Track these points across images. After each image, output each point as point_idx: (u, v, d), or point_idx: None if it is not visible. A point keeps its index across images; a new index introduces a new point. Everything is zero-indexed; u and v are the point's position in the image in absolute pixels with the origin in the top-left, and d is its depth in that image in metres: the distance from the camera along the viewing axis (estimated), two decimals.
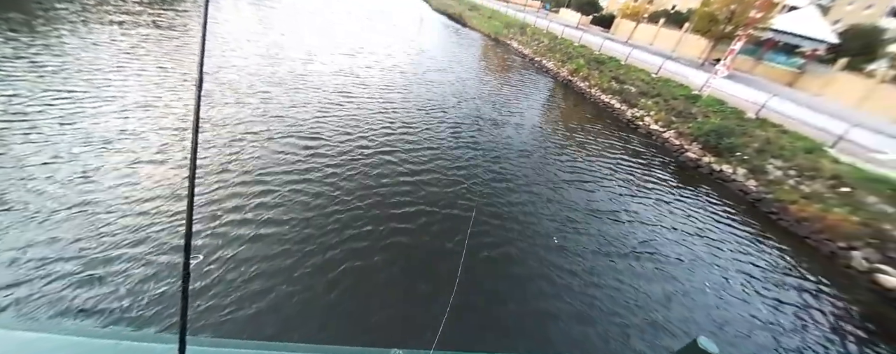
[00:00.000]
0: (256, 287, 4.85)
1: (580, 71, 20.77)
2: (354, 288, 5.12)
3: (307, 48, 18.48)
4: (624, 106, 16.44)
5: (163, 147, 7.65)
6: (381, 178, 7.97)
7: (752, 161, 11.16)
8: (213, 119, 9.44)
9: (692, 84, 16.27)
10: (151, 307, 4.34)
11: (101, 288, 4.49)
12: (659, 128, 14.23)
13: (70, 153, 7.03)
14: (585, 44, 24.27)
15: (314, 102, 11.69)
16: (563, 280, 5.85)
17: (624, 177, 10.16)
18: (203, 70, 0.89)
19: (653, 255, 6.89)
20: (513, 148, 10.93)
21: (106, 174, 6.60)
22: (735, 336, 5.49)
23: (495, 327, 4.87)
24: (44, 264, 4.70)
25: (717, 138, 11.92)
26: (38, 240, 5.04)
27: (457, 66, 20.60)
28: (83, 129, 7.92)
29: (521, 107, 15.10)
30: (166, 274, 4.77)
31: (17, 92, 8.88)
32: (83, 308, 4.27)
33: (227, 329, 4.25)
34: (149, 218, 5.69)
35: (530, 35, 29.54)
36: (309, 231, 6.04)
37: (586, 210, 8.06)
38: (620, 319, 5.32)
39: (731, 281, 6.65)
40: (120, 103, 9.31)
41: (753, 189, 10.52)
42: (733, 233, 8.40)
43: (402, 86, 15.24)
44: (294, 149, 8.58)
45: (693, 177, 11.28)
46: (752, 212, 9.66)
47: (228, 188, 6.78)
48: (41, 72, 10.12)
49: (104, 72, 10.96)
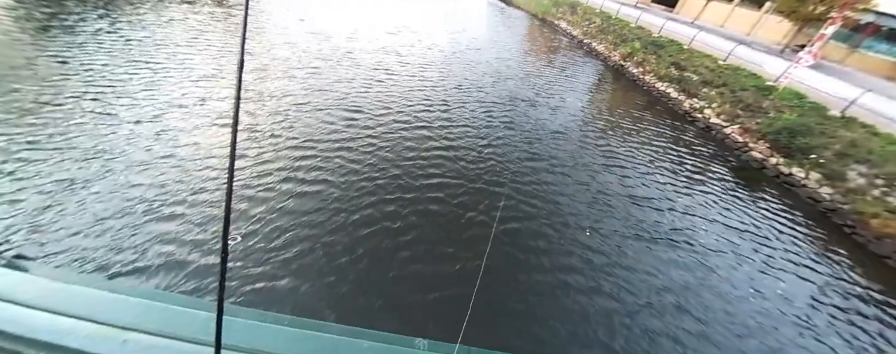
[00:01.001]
0: (291, 258, 5.17)
1: (634, 55, 19.14)
2: (383, 266, 5.33)
3: (353, 27, 18.85)
4: (682, 95, 15.04)
5: (222, 114, 8.40)
6: (416, 153, 8.29)
7: (829, 165, 9.85)
8: (267, 91, 10.13)
9: (767, 74, 14.43)
10: (194, 276, 4.72)
11: (152, 252, 4.95)
12: (721, 122, 12.90)
13: (146, 116, 7.94)
14: (643, 25, 22.19)
15: (357, 78, 12.17)
16: (594, 280, 5.65)
17: (674, 173, 9.44)
18: (244, 48, 0.94)
19: (701, 263, 6.43)
20: (550, 132, 10.57)
21: (173, 138, 7.36)
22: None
23: (521, 323, 4.85)
24: (109, 220, 5.28)
25: (790, 137, 10.60)
26: (104, 196, 5.65)
27: (498, 46, 19.92)
28: (159, 96, 8.94)
29: (563, 92, 14.38)
30: (210, 239, 5.18)
31: (111, 60, 10.08)
32: (141, 266, 4.74)
33: (259, 301, 4.56)
34: (202, 183, 6.20)
35: (581, 14, 27.51)
36: (345, 204, 6.37)
37: (628, 205, 7.64)
38: (662, 334, 5.06)
39: (794, 300, 6.05)
40: (189, 74, 10.24)
41: (827, 197, 9.34)
42: (798, 246, 7.59)
43: (442, 65, 15.24)
44: (336, 121, 9.16)
45: (755, 178, 10.22)
46: (823, 223, 8.64)
47: (274, 155, 7.37)
48: (128, 44, 11.33)
49: (177, 46, 12.02)
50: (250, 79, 10.73)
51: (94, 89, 8.61)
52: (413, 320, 4.66)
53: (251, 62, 11.97)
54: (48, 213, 5.24)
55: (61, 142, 6.69)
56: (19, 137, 6.61)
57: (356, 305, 4.72)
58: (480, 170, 8.06)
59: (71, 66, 9.44)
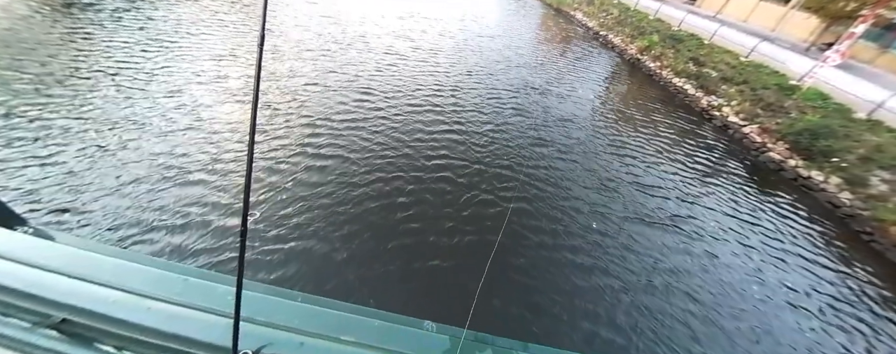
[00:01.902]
0: (300, 234, 5.21)
1: (652, 48, 18.55)
2: (390, 245, 5.33)
3: (364, 10, 18.50)
4: (699, 92, 14.56)
5: (238, 91, 8.63)
6: (426, 134, 8.40)
7: (851, 170, 9.49)
8: (279, 71, 10.21)
9: (791, 72, 13.90)
10: (212, 249, 4.77)
11: (179, 220, 5.07)
12: (739, 120, 12.49)
13: (165, 91, 8.16)
14: (662, 17, 21.45)
15: (368, 61, 12.30)
16: (602, 269, 5.53)
17: (687, 171, 9.19)
18: (265, 24, 0.93)
19: (711, 263, 6.26)
20: (562, 123, 10.41)
21: (192, 113, 7.49)
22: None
23: (526, 313, 4.77)
24: (129, 193, 5.37)
25: (812, 138, 10.21)
26: (126, 168, 5.75)
27: (511, 34, 19.50)
28: (178, 72, 9.07)
29: (576, 83, 14.07)
30: (229, 214, 5.23)
31: (130, 37, 10.35)
32: (157, 241, 4.79)
33: (270, 276, 4.61)
34: (220, 157, 6.32)
35: (598, 5, 26.68)
36: (356, 182, 6.43)
37: (638, 198, 7.49)
38: (668, 340, 4.96)
39: (808, 307, 5.88)
40: (212, 52, 10.46)
41: (846, 202, 9.03)
42: (814, 251, 7.35)
43: (453, 51, 15.17)
44: (348, 102, 9.27)
45: (771, 180, 9.91)
46: (841, 229, 8.36)
47: (288, 133, 7.48)
48: (149, 22, 11.46)
49: (192, 24, 12.10)
50: (265, 58, 10.76)
51: (115, 64, 8.81)
52: (422, 302, 4.67)
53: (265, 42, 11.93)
54: (72, 183, 5.37)
55: (85, 114, 6.90)
56: (42, 109, 6.77)
57: (365, 285, 4.72)
58: (490, 154, 8.11)
59: (93, 42, 9.65)
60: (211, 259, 4.66)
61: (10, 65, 7.89)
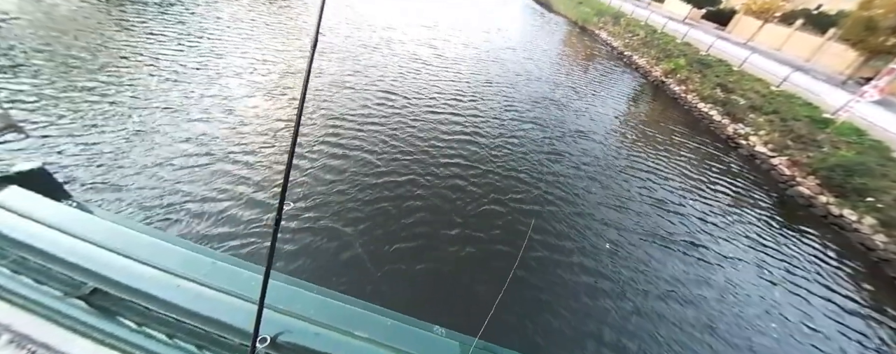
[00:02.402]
0: (322, 228, 5.28)
1: (678, 72, 18.24)
2: (405, 245, 5.38)
3: (394, 19, 19.21)
4: (726, 119, 14.16)
5: (277, 89, 9.04)
6: (445, 141, 8.56)
7: (887, 211, 8.95)
8: (313, 70, 10.46)
9: (825, 104, 13.38)
10: (241, 235, 4.88)
11: (209, 206, 5.24)
12: (767, 151, 12.04)
13: (206, 82, 8.60)
14: (690, 41, 21.12)
15: (393, 65, 12.66)
16: (613, 299, 5.32)
17: (710, 200, 8.86)
18: (320, 26, 0.96)
19: (734, 303, 5.94)
20: (580, 138, 10.33)
21: (238, 109, 7.82)
22: None
23: (541, 331, 4.61)
24: (174, 176, 5.61)
25: (846, 175, 9.73)
26: (159, 162, 5.93)
27: (534, 52, 19.55)
28: (225, 67, 9.56)
29: (596, 101, 13.95)
30: (260, 208, 5.37)
31: (181, 33, 10.81)
32: (191, 225, 4.94)
33: (291, 267, 4.66)
34: (255, 147, 6.61)
35: (624, 26, 26.53)
36: (372, 181, 6.56)
37: (656, 224, 7.24)
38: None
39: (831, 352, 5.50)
40: (253, 52, 10.92)
41: (881, 245, 8.49)
42: (844, 295, 6.91)
43: (475, 62, 15.46)
44: (372, 102, 9.66)
45: (800, 216, 9.44)
46: (873, 273, 7.85)
47: (312, 130, 7.74)
48: (203, 23, 11.98)
49: (247, 25, 12.76)
50: (296, 57, 11.33)
51: (160, 55, 9.35)
52: (427, 306, 4.65)
53: (297, 42, 12.59)
54: (114, 162, 5.66)
55: (128, 99, 7.33)
56: (88, 91, 7.23)
57: (377, 283, 4.72)
58: (506, 164, 8.17)
59: (136, 33, 10.26)
60: (235, 244, 4.76)
61: (63, 49, 8.39)
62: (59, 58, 8.07)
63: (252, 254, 4.64)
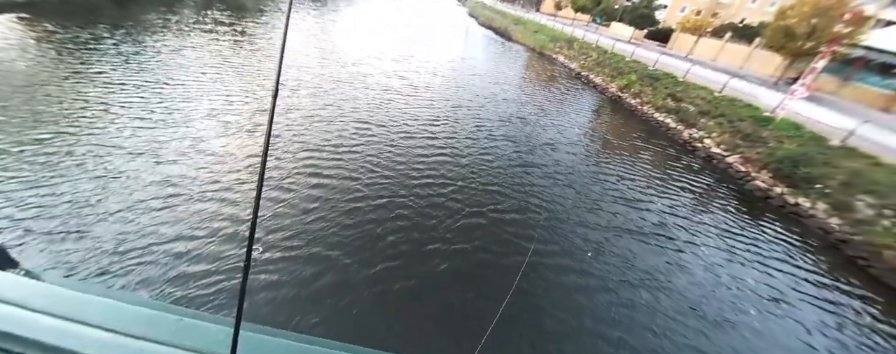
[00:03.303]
0: (306, 275, 5.13)
1: (632, 87, 19.71)
2: (384, 269, 5.29)
3: (363, 54, 20.21)
4: (680, 125, 15.26)
5: (238, 133, 8.91)
6: (421, 167, 8.86)
7: (835, 195, 9.73)
8: (278, 108, 10.49)
9: (763, 105, 14.74)
10: (209, 289, 4.66)
11: (171, 264, 4.98)
12: (721, 151, 12.97)
13: (173, 129, 8.51)
14: (638, 59, 23.07)
15: (367, 98, 13.25)
16: (593, 300, 5.40)
17: (676, 201, 9.34)
18: (282, 64, 0.96)
19: (712, 296, 6.17)
20: (551, 162, 10.62)
21: (196, 151, 7.71)
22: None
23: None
24: (124, 234, 5.30)
25: (793, 166, 10.59)
26: (122, 210, 5.73)
27: (499, 77, 20.75)
28: (182, 113, 9.42)
29: (562, 119, 14.75)
30: (227, 257, 5.17)
31: (144, 81, 10.79)
32: (152, 281, 4.69)
33: (266, 315, 4.50)
34: (220, 201, 6.33)
35: (577, 49, 28.71)
36: (355, 218, 6.47)
37: (633, 235, 7.47)
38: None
39: (806, 333, 5.73)
40: (211, 95, 10.93)
41: (836, 228, 9.14)
42: (809, 277, 7.31)
43: (444, 90, 16.22)
44: (348, 134, 9.96)
45: (761, 208, 10.07)
46: (835, 255, 8.38)
47: (289, 171, 7.67)
48: (162, 68, 11.93)
49: (196, 68, 12.91)
50: (265, 95, 11.59)
51: (122, 103, 9.28)
52: (421, 338, 4.51)
53: (265, 82, 12.85)
54: (60, 222, 5.33)
55: (85, 150, 7.12)
56: (42, 143, 6.93)
57: (361, 321, 4.55)
58: (491, 182, 8.35)
59: (107, 81, 9.98)
60: (209, 296, 4.52)
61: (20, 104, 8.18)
62: (14, 112, 7.89)
63: (224, 305, 4.45)
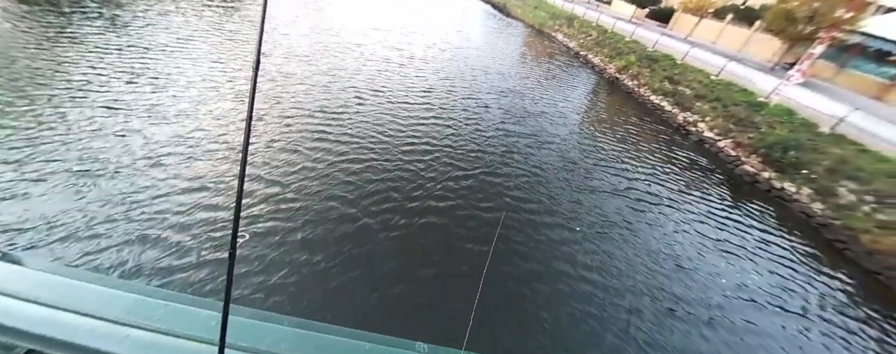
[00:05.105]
0: (290, 254, 5.07)
1: (629, 68, 19.44)
2: (375, 245, 5.30)
3: (354, 23, 19.57)
4: (676, 109, 15.23)
5: (222, 115, 8.37)
6: (417, 140, 8.88)
7: (820, 181, 9.96)
8: (266, 89, 10.12)
9: (758, 89, 14.72)
10: (198, 273, 4.59)
11: (155, 249, 4.82)
12: (713, 135, 13.05)
13: (156, 110, 7.97)
14: (638, 39, 22.62)
15: (356, 68, 13.15)
16: (578, 278, 5.55)
17: (665, 183, 9.47)
18: (261, 46, 0.95)
19: (689, 273, 6.37)
20: (545, 138, 10.69)
21: (175, 138, 7.28)
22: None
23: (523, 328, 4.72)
24: (111, 220, 5.11)
25: (782, 151, 10.73)
26: (107, 196, 5.49)
27: (496, 54, 20.23)
28: (169, 90, 8.92)
29: (557, 100, 14.60)
30: (215, 240, 5.05)
31: (131, 62, 9.98)
32: (137, 265, 4.60)
33: (258, 299, 4.44)
34: (204, 185, 6.09)
35: (577, 27, 27.98)
36: (342, 197, 6.35)
37: (622, 215, 7.59)
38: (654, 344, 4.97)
39: (784, 313, 6.01)
40: (193, 75, 10.31)
41: (819, 212, 9.42)
42: (790, 259, 7.59)
43: (440, 64, 16.02)
44: (335, 105, 9.85)
45: (748, 192, 10.29)
46: (815, 239, 8.67)
47: (275, 153, 7.37)
48: (137, 49, 11.22)
49: (182, 40, 12.13)
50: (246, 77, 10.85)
51: (105, 84, 8.57)
52: (411, 319, 4.58)
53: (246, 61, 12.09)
54: (45, 206, 5.09)
55: (60, 139, 6.58)
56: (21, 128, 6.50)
57: (354, 304, 4.59)
58: (482, 162, 8.35)
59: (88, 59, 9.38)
60: (194, 282, 4.47)
61: None
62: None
63: (214, 291, 4.36)
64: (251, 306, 4.25)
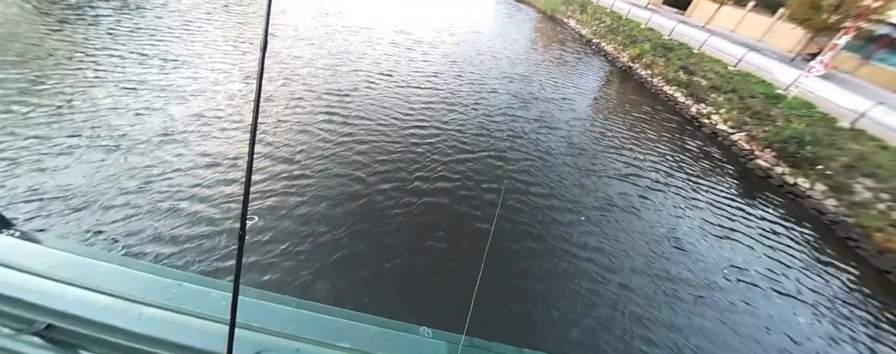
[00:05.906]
0: (298, 238, 5.15)
1: (643, 57, 18.90)
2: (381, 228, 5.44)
3: (363, 7, 19.11)
4: (689, 100, 14.86)
5: (232, 98, 8.40)
6: (423, 129, 8.79)
7: (835, 177, 9.73)
8: (272, 72, 10.13)
9: (777, 81, 14.25)
10: (210, 254, 4.70)
11: (169, 227, 4.95)
12: (727, 128, 12.75)
13: (163, 98, 7.93)
14: (654, 26, 21.88)
15: (369, 54, 13.04)
16: (586, 269, 5.57)
17: (676, 176, 9.33)
18: (268, 27, 0.93)
19: (697, 269, 6.35)
20: (553, 123, 10.62)
21: (186, 120, 7.34)
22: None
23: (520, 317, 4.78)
24: (125, 198, 5.22)
25: (798, 146, 10.47)
26: (121, 176, 5.59)
27: (505, 39, 19.84)
28: (173, 79, 8.79)
29: (567, 87, 14.38)
30: (225, 222, 5.15)
31: (141, 47, 9.91)
32: (150, 237, 4.72)
33: (265, 281, 4.54)
34: (215, 166, 6.19)
35: (591, 14, 27.12)
36: (347, 183, 6.40)
37: (628, 207, 7.54)
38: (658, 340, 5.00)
39: (792, 311, 5.99)
40: (199, 60, 10.26)
41: (832, 209, 9.24)
42: (799, 256, 7.50)
43: (448, 48, 15.96)
44: (348, 91, 9.80)
45: (759, 187, 10.12)
46: (827, 236, 8.55)
47: (284, 133, 7.47)
48: (147, 32, 11.18)
49: (189, 33, 12.00)
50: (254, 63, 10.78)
51: (116, 69, 8.59)
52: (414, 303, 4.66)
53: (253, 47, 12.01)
54: (60, 184, 5.21)
55: (74, 120, 6.66)
56: (36, 107, 6.63)
57: (360, 280, 4.70)
58: (482, 150, 8.29)
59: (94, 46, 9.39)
60: (204, 262, 4.58)
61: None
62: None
63: (223, 269, 4.48)
64: (260, 286, 4.39)
